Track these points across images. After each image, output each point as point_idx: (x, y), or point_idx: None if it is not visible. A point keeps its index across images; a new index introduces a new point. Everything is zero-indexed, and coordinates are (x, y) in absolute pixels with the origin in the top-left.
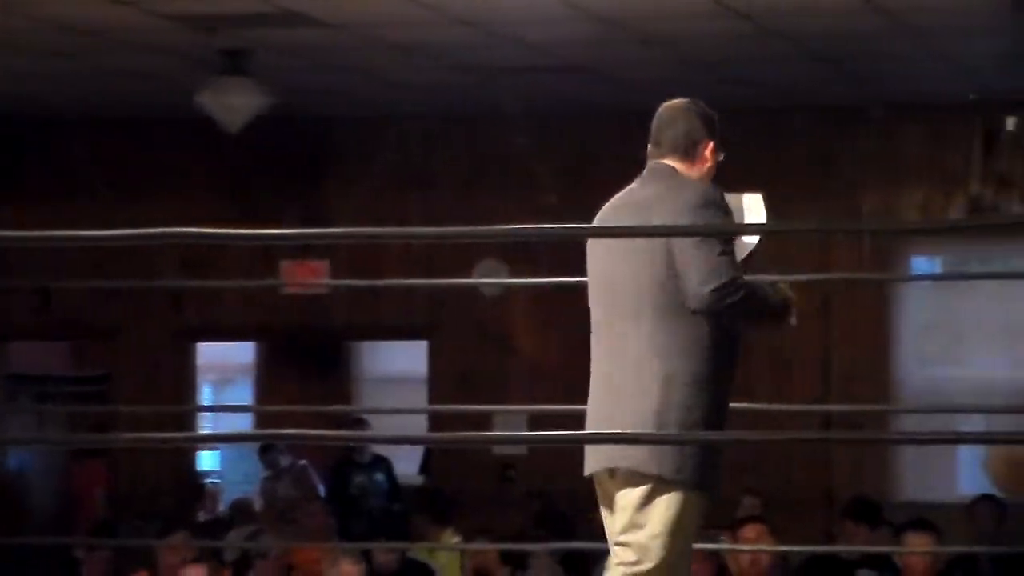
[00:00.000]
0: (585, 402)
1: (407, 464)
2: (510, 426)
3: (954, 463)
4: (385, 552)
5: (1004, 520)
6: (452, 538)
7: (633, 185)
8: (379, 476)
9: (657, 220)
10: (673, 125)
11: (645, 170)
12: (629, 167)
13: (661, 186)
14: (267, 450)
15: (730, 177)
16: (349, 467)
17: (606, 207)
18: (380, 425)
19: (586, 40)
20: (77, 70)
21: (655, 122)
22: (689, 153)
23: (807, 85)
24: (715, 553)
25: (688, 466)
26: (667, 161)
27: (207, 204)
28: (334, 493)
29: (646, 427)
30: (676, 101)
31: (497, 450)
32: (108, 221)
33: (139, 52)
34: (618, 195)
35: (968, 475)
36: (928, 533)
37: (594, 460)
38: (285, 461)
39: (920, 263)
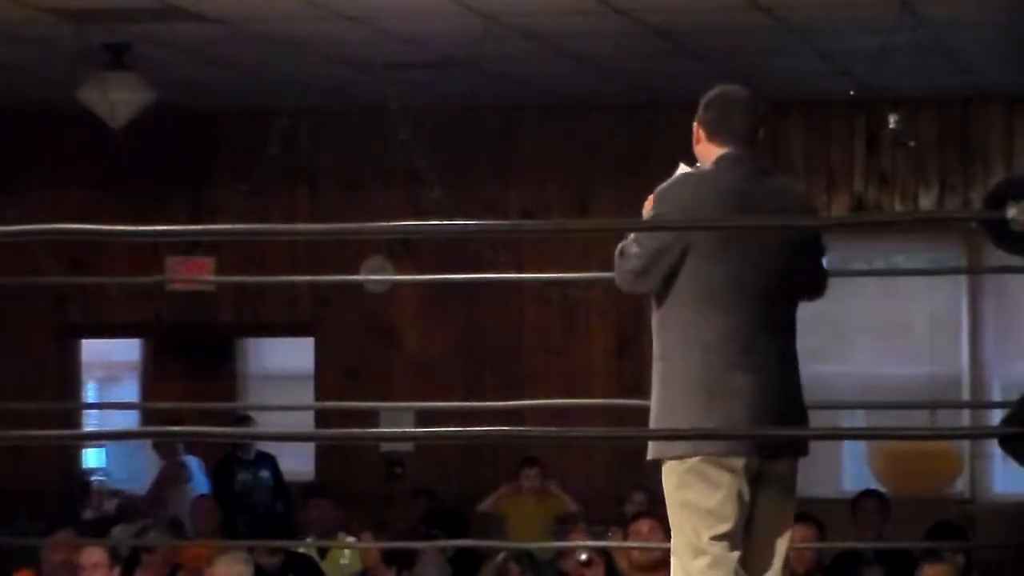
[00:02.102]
0: (472, 398)
1: (294, 461)
2: (397, 422)
3: (838, 459)
4: (269, 551)
5: (888, 515)
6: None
7: (733, 172)
8: (264, 473)
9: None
10: (746, 112)
11: (739, 159)
12: (511, 162)
13: (774, 180)
14: (160, 446)
15: (617, 172)
16: (234, 464)
17: (725, 191)
18: (268, 422)
19: (469, 35)
20: None
21: (743, 110)
22: (757, 140)
23: (687, 82)
24: (604, 551)
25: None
26: (745, 150)
27: (90, 200)
28: (219, 491)
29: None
30: (735, 87)
31: (384, 447)
32: None
33: (20, 46)
34: (727, 180)
35: (852, 471)
36: (809, 525)
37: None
38: (176, 459)
39: None
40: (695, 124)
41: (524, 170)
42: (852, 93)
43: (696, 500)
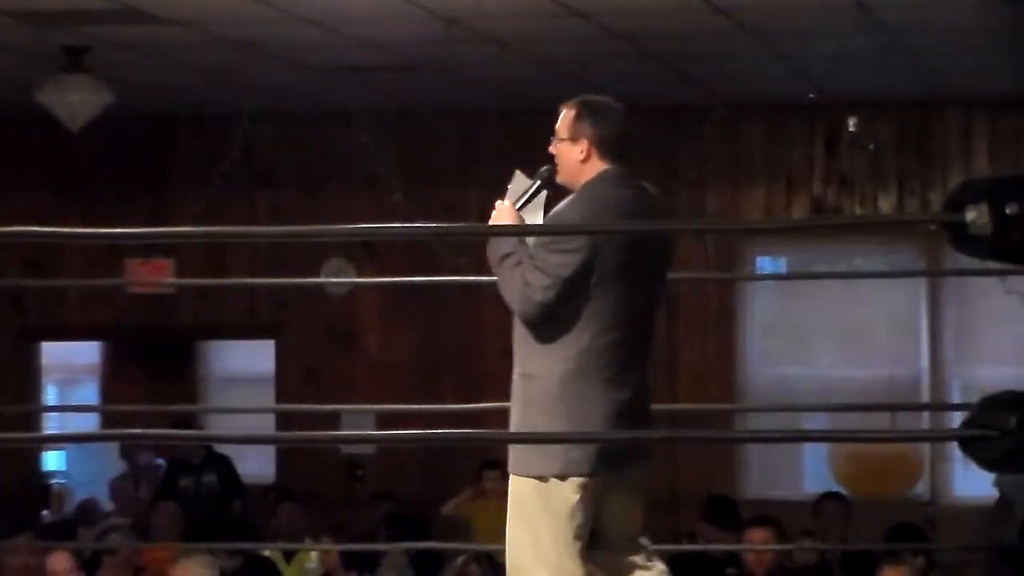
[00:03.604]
0: (432, 400)
1: (255, 463)
2: (358, 425)
3: (799, 461)
4: (226, 555)
5: (849, 517)
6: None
7: (624, 191)
8: (209, 478)
9: None
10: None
11: (624, 175)
12: (472, 165)
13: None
14: (127, 449)
15: None
16: (178, 469)
17: (625, 212)
18: (229, 425)
19: (430, 39)
20: None
21: (627, 124)
22: None
23: (648, 85)
24: None
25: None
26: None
27: (49, 202)
28: (164, 495)
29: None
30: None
31: (345, 450)
32: None
33: None
34: (620, 199)
35: (813, 473)
36: (769, 528)
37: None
38: (143, 460)
39: (764, 263)
40: (576, 138)
41: (485, 173)
42: (811, 96)
43: (562, 516)
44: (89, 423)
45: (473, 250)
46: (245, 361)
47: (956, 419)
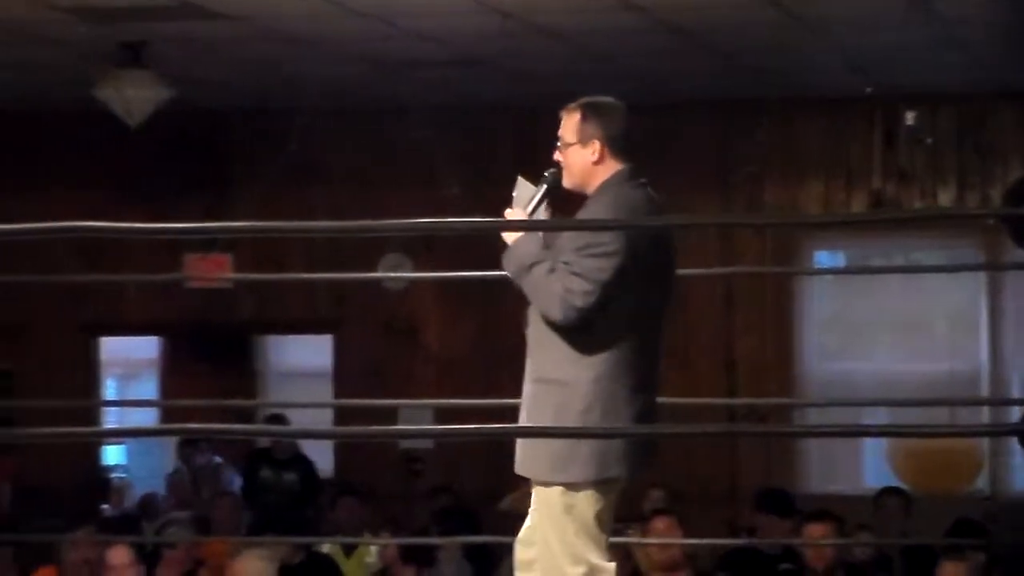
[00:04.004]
0: (490, 394)
1: (314, 458)
2: (416, 419)
3: (859, 456)
4: (289, 549)
5: (910, 512)
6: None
7: (639, 191)
8: (290, 476)
9: None
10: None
11: (636, 175)
12: (528, 159)
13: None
14: (184, 446)
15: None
16: (261, 460)
17: (642, 212)
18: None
19: (485, 33)
20: None
21: (622, 125)
22: None
23: (703, 79)
24: (624, 548)
25: None
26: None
27: (107, 198)
28: (247, 487)
29: None
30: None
31: (403, 444)
32: (8, 215)
33: (37, 45)
34: (638, 199)
35: (873, 468)
36: (828, 523)
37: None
38: (201, 459)
39: (823, 257)
40: (587, 140)
41: (541, 167)
42: (869, 90)
43: (583, 514)
44: (148, 418)
45: None
46: (303, 356)
47: (1015, 414)
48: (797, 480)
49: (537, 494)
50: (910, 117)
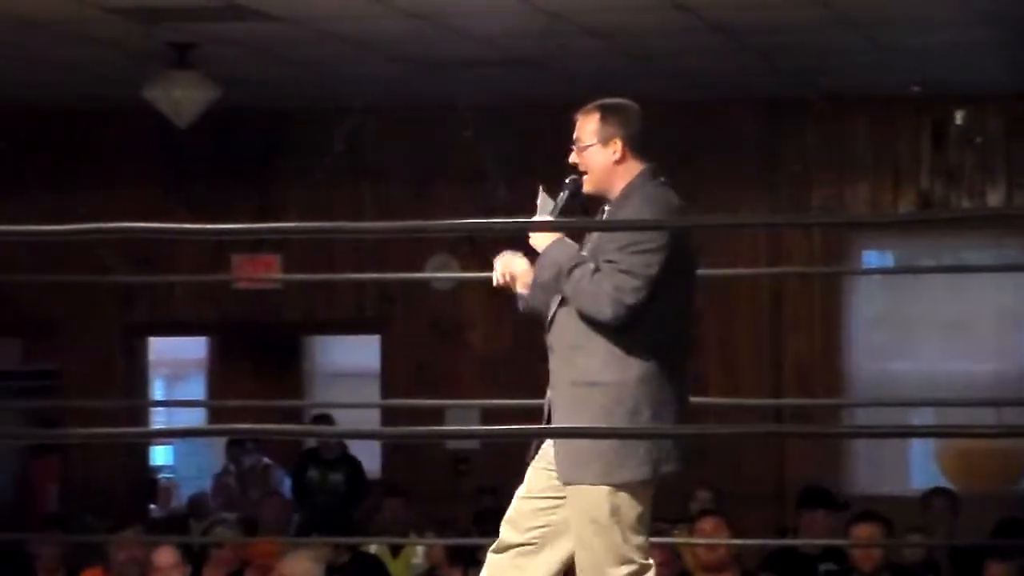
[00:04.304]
0: (537, 395)
1: (361, 459)
2: (463, 420)
3: (906, 457)
4: (336, 550)
5: (957, 512)
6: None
7: (666, 189)
8: (336, 476)
9: None
10: None
11: (656, 173)
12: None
13: None
14: (232, 447)
15: (677, 168)
16: (309, 460)
17: (676, 209)
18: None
19: (532, 33)
20: (21, 62)
21: (638, 125)
22: None
23: (750, 78)
24: (672, 548)
25: None
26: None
27: (156, 198)
28: (295, 487)
29: None
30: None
31: (450, 445)
32: (58, 215)
33: (85, 45)
34: (670, 196)
35: (920, 468)
36: (876, 524)
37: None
38: (249, 460)
39: (871, 256)
40: (608, 140)
41: None
42: (917, 89)
43: (629, 514)
44: (196, 418)
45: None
46: (351, 356)
47: None
48: (844, 480)
49: (577, 498)
50: (959, 116)
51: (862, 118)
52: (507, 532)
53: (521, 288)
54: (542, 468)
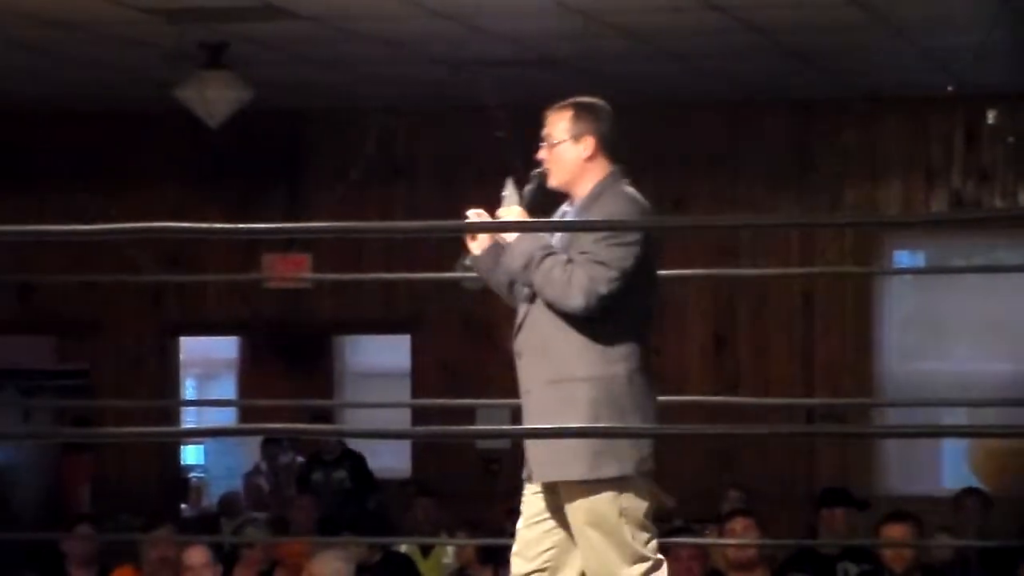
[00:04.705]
0: None
1: (392, 458)
2: (493, 419)
3: (938, 456)
4: (366, 549)
5: (989, 513)
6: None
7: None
8: (340, 473)
9: None
10: None
11: (623, 174)
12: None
13: None
14: (268, 444)
15: (712, 169)
16: (312, 464)
17: (648, 210)
18: (365, 419)
19: (563, 33)
20: (51, 63)
21: (610, 125)
22: None
23: (784, 78)
24: (703, 548)
25: None
26: None
27: (187, 198)
28: (299, 491)
29: None
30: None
31: (481, 444)
32: (89, 215)
33: (117, 45)
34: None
35: (952, 468)
36: (907, 523)
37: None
38: (284, 458)
39: (903, 256)
40: (579, 137)
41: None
42: (950, 89)
43: (635, 512)
44: (227, 417)
45: None
46: (381, 356)
47: None
48: (876, 481)
49: (576, 500)
50: (991, 116)
51: (894, 118)
52: (518, 565)
53: (476, 249)
54: (532, 494)
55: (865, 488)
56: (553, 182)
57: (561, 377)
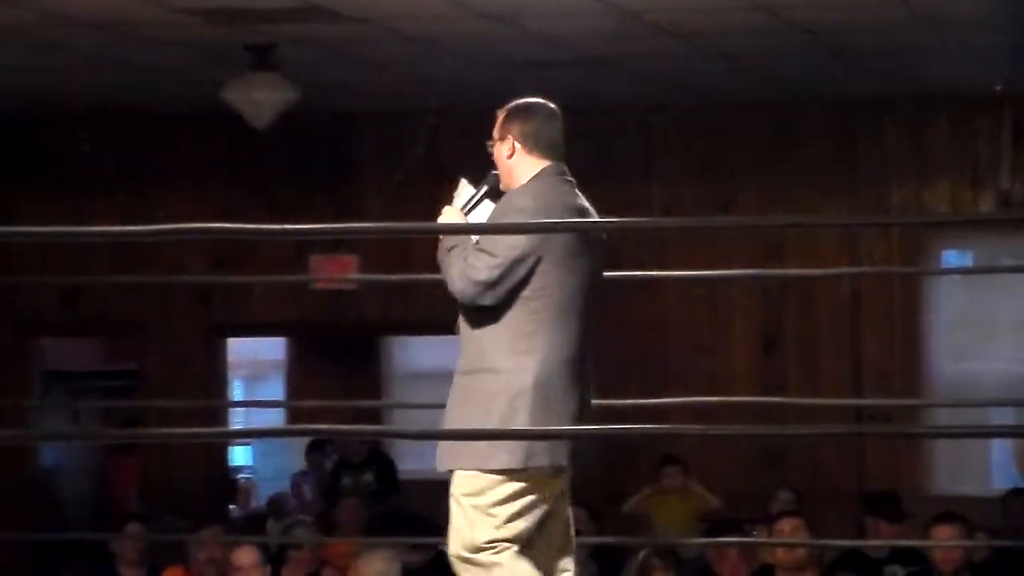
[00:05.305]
0: (616, 397)
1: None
2: None
3: (987, 457)
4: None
5: None
6: None
7: (566, 187)
8: (367, 476)
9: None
10: (560, 126)
11: (558, 169)
12: (654, 160)
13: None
14: (312, 450)
15: (760, 168)
16: (341, 469)
17: (569, 206)
18: (413, 420)
19: (610, 34)
20: (97, 65)
21: (558, 124)
22: None
23: (829, 78)
24: (752, 548)
25: None
26: (562, 164)
27: (235, 200)
28: (330, 495)
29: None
30: (545, 101)
31: None
32: (137, 216)
33: (164, 47)
34: (564, 193)
35: (1002, 469)
36: (956, 524)
37: (562, 454)
38: (329, 463)
39: (950, 256)
40: (504, 137)
41: (667, 168)
42: (997, 88)
43: (511, 506)
44: (275, 418)
45: (656, 245)
46: (430, 357)
47: None
48: (924, 481)
49: (454, 480)
50: None
51: (941, 117)
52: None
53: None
54: None
55: (914, 489)
56: (502, 184)
57: (472, 368)
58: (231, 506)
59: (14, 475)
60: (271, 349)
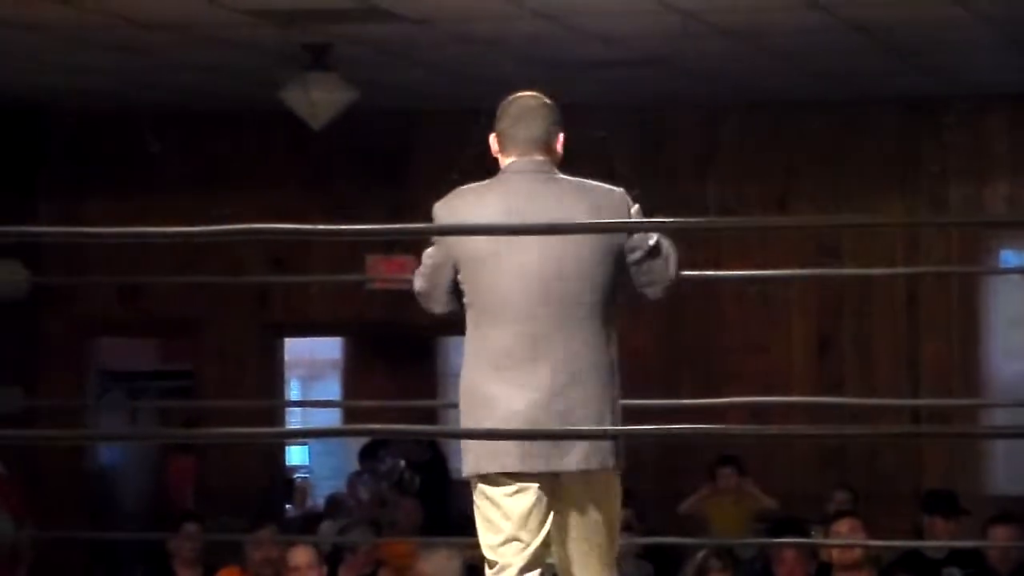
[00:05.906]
0: (671, 396)
1: None
2: None
3: None
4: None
5: None
6: None
7: (515, 181)
8: (425, 477)
9: (587, 216)
10: (535, 119)
11: (517, 165)
12: (710, 160)
13: (564, 183)
14: (367, 455)
15: (817, 168)
16: (406, 469)
17: (502, 202)
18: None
19: (665, 33)
20: (158, 66)
21: (534, 118)
22: (552, 146)
23: (887, 77)
24: (811, 549)
25: None
26: (536, 156)
27: (292, 200)
28: (400, 494)
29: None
30: (528, 94)
31: None
32: (193, 217)
33: (223, 48)
34: (504, 190)
35: None
36: (1014, 525)
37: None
38: (384, 465)
39: (1009, 256)
40: (492, 136)
41: (723, 168)
42: None
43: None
44: (331, 418)
45: (711, 244)
46: None
47: None
48: (982, 481)
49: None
50: None
51: (1000, 116)
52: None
53: None
54: None
55: (972, 489)
56: None
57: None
58: (287, 506)
59: (71, 474)
60: (328, 349)
